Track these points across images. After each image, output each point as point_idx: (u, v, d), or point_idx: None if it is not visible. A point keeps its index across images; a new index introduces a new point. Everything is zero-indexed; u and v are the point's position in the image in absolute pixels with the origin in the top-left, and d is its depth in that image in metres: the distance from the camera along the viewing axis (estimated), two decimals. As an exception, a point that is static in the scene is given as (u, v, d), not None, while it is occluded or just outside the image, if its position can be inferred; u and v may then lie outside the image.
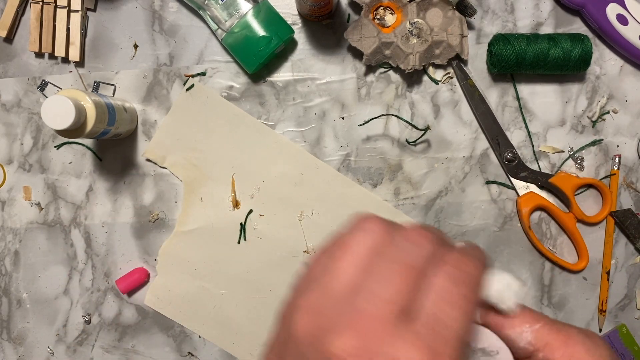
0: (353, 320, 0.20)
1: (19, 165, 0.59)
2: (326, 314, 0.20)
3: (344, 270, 0.21)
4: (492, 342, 0.27)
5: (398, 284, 0.20)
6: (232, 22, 0.54)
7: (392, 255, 0.21)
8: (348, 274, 0.21)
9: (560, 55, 0.53)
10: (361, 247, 0.22)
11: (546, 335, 0.25)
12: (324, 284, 0.21)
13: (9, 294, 0.59)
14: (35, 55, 0.58)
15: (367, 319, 0.20)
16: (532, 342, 0.25)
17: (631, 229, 0.56)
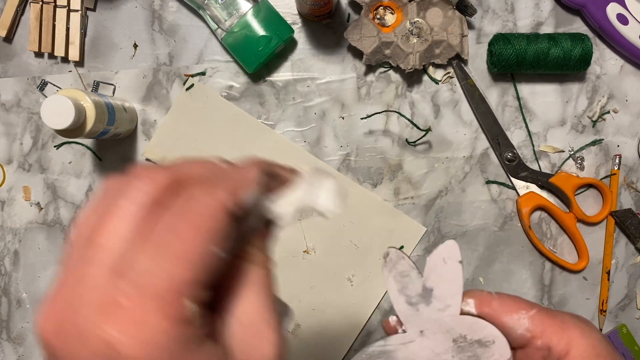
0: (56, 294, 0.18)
1: (19, 165, 0.58)
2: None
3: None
4: (487, 333, 0.28)
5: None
6: (232, 21, 0.54)
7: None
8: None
9: (560, 55, 0.53)
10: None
11: (542, 321, 0.25)
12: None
13: (8, 294, 0.59)
14: (35, 55, 0.58)
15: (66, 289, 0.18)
16: (530, 328, 0.25)
17: (631, 228, 0.56)
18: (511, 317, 0.26)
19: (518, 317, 0.26)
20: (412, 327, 0.29)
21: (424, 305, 0.29)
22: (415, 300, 0.29)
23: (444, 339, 0.28)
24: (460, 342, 0.28)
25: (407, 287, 0.29)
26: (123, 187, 0.19)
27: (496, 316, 0.26)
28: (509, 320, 0.26)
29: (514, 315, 0.26)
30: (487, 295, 0.27)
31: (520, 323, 0.26)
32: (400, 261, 0.29)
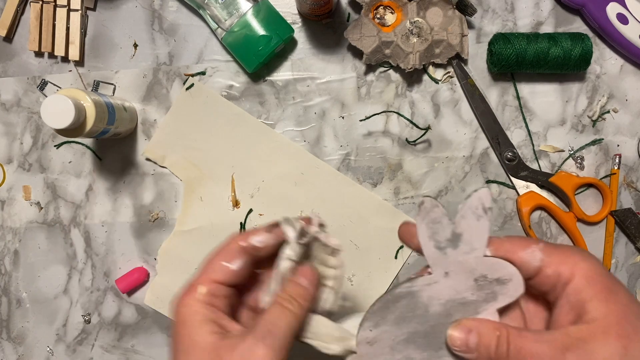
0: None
1: (19, 165, 0.58)
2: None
3: None
4: (506, 272, 0.30)
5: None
6: (231, 21, 0.54)
7: None
8: None
9: (560, 55, 0.53)
10: None
11: (550, 253, 0.30)
12: None
13: (8, 294, 0.59)
14: (35, 54, 0.58)
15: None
16: (542, 257, 0.29)
17: (631, 228, 0.56)
18: (525, 252, 0.30)
19: (532, 251, 0.30)
20: (437, 269, 0.31)
21: (452, 249, 0.31)
22: (444, 244, 0.31)
23: (466, 279, 0.31)
24: (481, 281, 0.31)
25: (438, 232, 0.31)
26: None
27: (513, 253, 0.30)
28: (524, 255, 0.30)
29: (527, 250, 0.30)
30: (498, 239, 0.31)
31: (535, 256, 0.30)
32: (435, 209, 0.31)
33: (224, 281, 0.33)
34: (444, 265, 0.31)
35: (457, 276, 0.31)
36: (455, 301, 0.31)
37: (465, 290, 0.31)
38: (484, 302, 0.31)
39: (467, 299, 0.31)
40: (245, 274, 0.34)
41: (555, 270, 0.29)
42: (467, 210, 0.30)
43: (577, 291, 0.28)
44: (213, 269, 0.34)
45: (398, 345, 0.32)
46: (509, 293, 0.31)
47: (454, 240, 0.31)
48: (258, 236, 0.34)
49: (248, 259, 0.34)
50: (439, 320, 0.32)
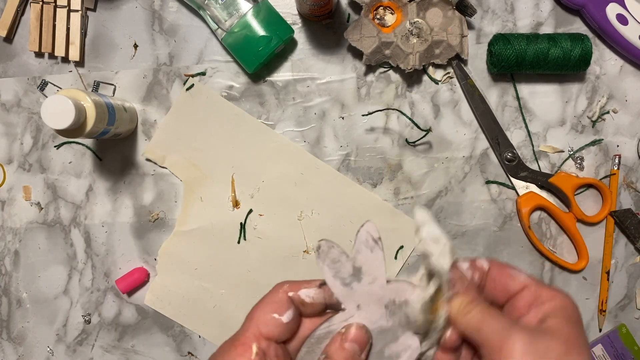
0: None
1: (19, 165, 0.59)
2: None
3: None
4: (409, 292, 0.32)
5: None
6: (232, 21, 0.54)
7: None
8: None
9: (560, 55, 0.53)
10: None
11: (537, 280, 0.31)
12: None
13: (8, 294, 0.59)
14: (35, 55, 0.58)
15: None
16: (527, 278, 0.31)
17: (631, 228, 0.56)
18: (513, 270, 0.32)
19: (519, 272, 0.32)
20: (349, 304, 0.32)
21: (357, 282, 0.32)
22: (349, 280, 0.32)
23: (377, 308, 0.32)
24: (391, 307, 0.32)
25: (340, 270, 0.32)
26: None
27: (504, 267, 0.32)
28: (512, 272, 0.32)
29: (515, 270, 0.32)
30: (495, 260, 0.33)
31: (521, 275, 0.31)
32: (331, 250, 0.32)
33: (275, 336, 0.31)
34: (354, 299, 0.32)
35: (369, 307, 0.32)
36: (374, 331, 0.32)
37: (380, 319, 0.32)
38: (400, 326, 0.32)
39: (384, 327, 0.32)
40: (295, 328, 0.32)
41: (537, 291, 0.30)
42: (359, 244, 0.32)
43: (549, 309, 0.29)
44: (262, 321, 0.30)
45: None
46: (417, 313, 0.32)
47: (356, 274, 0.32)
48: (309, 290, 0.32)
49: (297, 311, 0.32)
50: None
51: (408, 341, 0.33)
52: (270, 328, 0.30)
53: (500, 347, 0.28)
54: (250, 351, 0.29)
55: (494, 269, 0.33)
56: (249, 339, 0.30)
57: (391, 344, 0.33)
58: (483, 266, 0.33)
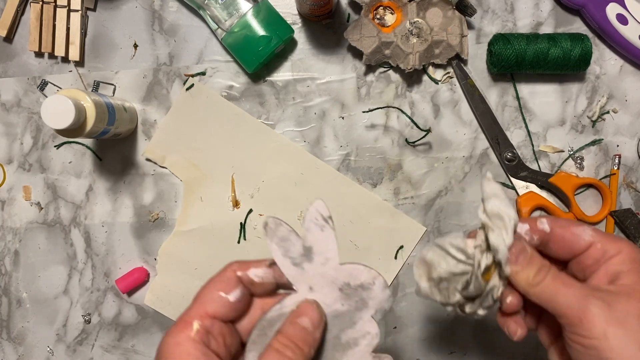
0: None
1: (19, 165, 0.59)
2: None
3: None
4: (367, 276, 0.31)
5: None
6: (232, 21, 0.54)
7: None
8: None
9: (560, 55, 0.53)
10: None
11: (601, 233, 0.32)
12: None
13: (8, 294, 0.59)
14: (35, 54, 0.58)
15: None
16: (592, 234, 0.32)
17: (631, 228, 0.56)
18: (578, 228, 0.33)
19: (583, 229, 0.33)
20: (301, 286, 0.31)
21: (308, 263, 0.31)
22: (299, 260, 0.31)
23: (331, 290, 0.31)
24: (346, 290, 0.31)
25: (290, 249, 0.31)
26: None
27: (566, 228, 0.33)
28: (576, 230, 0.33)
29: (579, 227, 0.33)
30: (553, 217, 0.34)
31: (586, 232, 0.32)
32: (279, 227, 0.31)
33: (221, 315, 0.30)
34: (306, 280, 0.31)
35: (322, 289, 0.31)
36: (328, 315, 0.32)
37: (335, 302, 0.31)
38: (357, 310, 0.32)
39: (339, 311, 0.32)
40: (243, 308, 0.32)
41: (604, 247, 0.32)
42: (309, 223, 0.31)
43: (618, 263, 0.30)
44: (208, 300, 0.30)
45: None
46: (377, 298, 0.31)
47: (307, 254, 0.31)
48: (258, 269, 0.32)
49: (246, 291, 0.32)
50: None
51: (366, 327, 0.32)
52: (215, 306, 0.30)
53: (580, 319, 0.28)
54: (190, 328, 0.29)
55: (557, 229, 0.33)
56: (191, 317, 0.30)
57: (348, 330, 0.32)
58: (544, 228, 0.33)
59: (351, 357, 0.32)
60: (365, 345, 0.32)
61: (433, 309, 0.58)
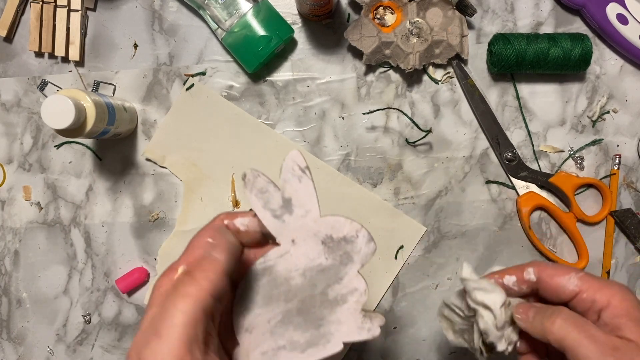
0: None
1: (19, 165, 0.59)
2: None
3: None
4: (349, 228, 0.31)
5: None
6: (232, 21, 0.54)
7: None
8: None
9: (560, 55, 0.53)
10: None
11: (588, 281, 0.32)
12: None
13: (8, 294, 0.59)
14: (35, 54, 0.58)
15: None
16: (578, 284, 0.32)
17: (631, 228, 0.56)
18: (563, 278, 0.33)
19: (569, 277, 0.33)
20: (284, 239, 0.31)
21: (288, 215, 0.31)
22: (280, 212, 0.31)
23: (314, 243, 0.31)
24: (329, 243, 0.31)
25: (269, 201, 0.31)
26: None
27: (552, 277, 0.33)
28: (561, 280, 0.33)
29: (565, 277, 0.33)
30: (544, 264, 0.34)
31: (571, 281, 0.32)
32: (258, 179, 0.31)
33: None
34: (288, 233, 0.31)
35: (305, 242, 0.31)
36: (313, 269, 0.31)
37: (318, 256, 0.31)
38: (342, 265, 0.31)
39: (323, 265, 0.31)
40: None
41: (590, 296, 0.32)
42: (286, 173, 0.31)
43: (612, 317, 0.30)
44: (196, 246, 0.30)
45: (276, 328, 0.31)
46: (362, 251, 0.31)
47: (286, 206, 0.31)
48: (244, 218, 0.32)
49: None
50: (305, 293, 0.31)
51: (353, 283, 0.31)
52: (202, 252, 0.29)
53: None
54: (175, 273, 0.28)
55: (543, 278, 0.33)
56: (178, 264, 0.29)
57: (335, 285, 0.31)
58: (531, 278, 0.34)
59: (340, 315, 0.31)
60: (354, 302, 0.31)
61: (433, 310, 0.58)
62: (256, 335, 0.31)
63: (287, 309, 0.31)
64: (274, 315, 0.31)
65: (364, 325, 0.31)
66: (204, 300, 0.26)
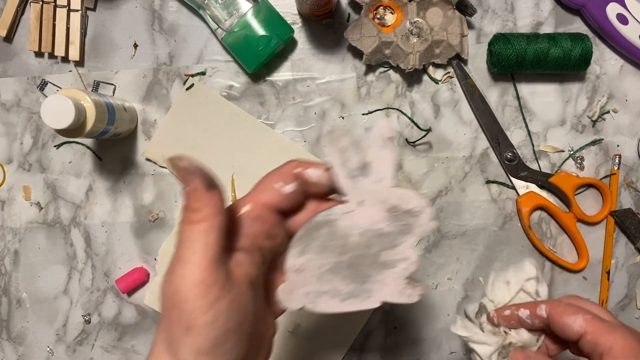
0: None
1: (19, 165, 0.58)
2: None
3: None
4: (416, 204, 0.32)
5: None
6: (232, 21, 0.54)
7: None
8: None
9: (560, 55, 0.53)
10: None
11: (594, 323, 0.33)
12: None
13: (8, 294, 0.59)
14: (35, 54, 0.58)
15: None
16: (583, 325, 0.33)
17: (631, 228, 0.56)
18: (569, 318, 0.34)
19: (575, 318, 0.34)
20: (352, 198, 0.32)
21: (363, 177, 0.32)
22: (355, 172, 0.32)
23: (379, 209, 0.32)
24: (394, 212, 0.32)
25: (348, 160, 0.32)
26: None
27: (560, 315, 0.34)
28: (568, 319, 0.34)
29: (572, 317, 0.34)
30: (557, 302, 0.35)
31: (577, 322, 0.34)
32: (343, 137, 0.31)
33: (273, 203, 0.31)
34: (358, 194, 0.32)
35: (371, 206, 0.32)
36: (372, 232, 0.32)
37: (381, 221, 0.32)
38: (400, 234, 0.32)
39: (383, 230, 0.32)
40: (295, 203, 0.32)
41: (594, 339, 0.32)
42: (372, 139, 0.32)
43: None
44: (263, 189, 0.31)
45: (324, 275, 0.32)
46: (422, 227, 0.32)
47: (364, 169, 0.32)
48: (316, 170, 0.32)
49: (300, 188, 0.32)
50: (359, 251, 0.32)
51: (407, 252, 0.32)
52: (269, 195, 0.31)
53: None
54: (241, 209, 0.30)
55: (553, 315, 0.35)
56: (244, 202, 0.31)
57: (388, 251, 0.32)
58: (542, 314, 0.35)
59: (386, 277, 0.33)
60: (402, 270, 0.33)
61: (433, 310, 0.58)
62: (304, 277, 0.32)
63: (339, 261, 0.32)
64: (326, 263, 0.32)
65: (405, 291, 0.33)
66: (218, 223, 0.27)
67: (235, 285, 0.27)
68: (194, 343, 0.26)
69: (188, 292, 0.26)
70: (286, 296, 0.32)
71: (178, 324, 0.26)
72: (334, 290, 0.33)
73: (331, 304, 0.33)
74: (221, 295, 0.26)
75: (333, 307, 0.33)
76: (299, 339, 0.58)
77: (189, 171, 0.27)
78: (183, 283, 0.26)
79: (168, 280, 0.27)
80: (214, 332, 0.26)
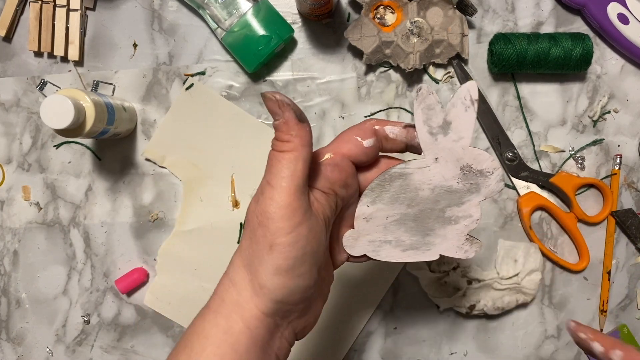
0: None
1: (18, 165, 0.58)
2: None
3: None
4: (488, 164, 0.34)
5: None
6: (231, 21, 0.54)
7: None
8: None
9: (561, 55, 0.53)
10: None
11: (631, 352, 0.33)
12: None
13: (8, 294, 0.59)
14: (35, 54, 0.58)
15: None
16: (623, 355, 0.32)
17: (632, 228, 0.56)
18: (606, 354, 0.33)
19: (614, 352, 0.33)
20: (429, 154, 0.33)
21: (442, 135, 0.33)
22: (436, 130, 0.33)
23: (453, 167, 0.34)
24: (466, 171, 0.34)
25: (431, 118, 0.33)
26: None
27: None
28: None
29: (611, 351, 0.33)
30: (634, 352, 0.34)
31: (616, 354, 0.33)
32: (429, 96, 0.33)
33: (351, 155, 0.34)
34: (435, 150, 0.33)
35: (446, 163, 0.33)
36: (442, 188, 0.34)
37: (452, 178, 0.34)
38: (468, 192, 0.34)
39: (453, 187, 0.34)
40: (372, 157, 0.35)
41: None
42: (456, 100, 0.33)
43: None
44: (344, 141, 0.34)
45: (390, 225, 0.34)
46: (490, 187, 0.34)
47: (444, 127, 0.33)
48: (394, 127, 0.35)
49: (378, 143, 0.35)
50: (427, 205, 0.34)
51: (471, 210, 0.34)
52: (349, 146, 0.34)
53: None
54: (322, 156, 0.33)
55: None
56: (326, 150, 0.34)
57: (454, 207, 0.34)
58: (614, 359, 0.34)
59: (448, 232, 0.34)
60: (464, 226, 0.34)
61: (433, 310, 0.58)
62: (371, 225, 0.34)
63: (406, 213, 0.34)
64: (393, 214, 0.34)
65: (463, 247, 0.35)
66: (305, 154, 0.30)
67: (314, 216, 0.30)
68: (275, 261, 0.29)
69: (275, 213, 0.29)
70: (351, 242, 0.34)
71: (263, 242, 0.29)
72: (396, 241, 0.35)
73: (392, 253, 0.35)
74: (302, 221, 0.29)
75: (393, 257, 0.35)
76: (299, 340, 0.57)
77: (282, 104, 0.30)
78: (271, 204, 0.29)
79: (257, 201, 0.30)
80: (294, 253, 0.29)
